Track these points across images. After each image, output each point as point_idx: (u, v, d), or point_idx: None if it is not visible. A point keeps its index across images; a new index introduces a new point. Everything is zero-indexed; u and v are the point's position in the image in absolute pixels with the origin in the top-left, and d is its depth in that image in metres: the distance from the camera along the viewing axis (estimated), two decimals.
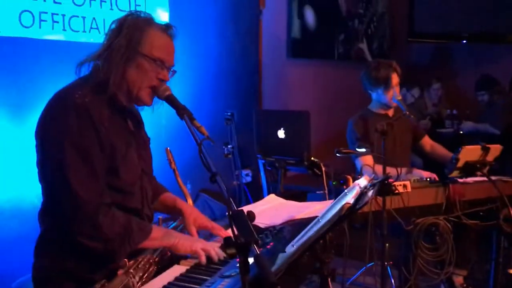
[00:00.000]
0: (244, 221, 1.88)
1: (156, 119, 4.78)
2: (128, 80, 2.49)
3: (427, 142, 5.09)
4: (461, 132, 7.43)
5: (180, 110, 2.42)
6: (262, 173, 5.20)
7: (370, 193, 2.56)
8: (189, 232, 2.76)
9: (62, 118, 2.38)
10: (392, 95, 4.70)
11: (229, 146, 5.50)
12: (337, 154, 4.01)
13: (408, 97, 8.24)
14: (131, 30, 2.47)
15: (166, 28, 2.58)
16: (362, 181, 2.56)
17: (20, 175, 4.09)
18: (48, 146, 2.42)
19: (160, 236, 2.51)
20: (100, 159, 2.39)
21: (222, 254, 2.46)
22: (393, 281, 4.64)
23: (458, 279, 4.57)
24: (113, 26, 2.54)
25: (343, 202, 2.31)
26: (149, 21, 2.55)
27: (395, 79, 4.72)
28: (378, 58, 4.97)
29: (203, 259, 2.44)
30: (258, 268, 1.77)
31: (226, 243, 1.83)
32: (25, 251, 2.64)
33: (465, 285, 4.56)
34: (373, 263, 4.36)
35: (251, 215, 1.91)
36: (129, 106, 2.66)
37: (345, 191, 2.46)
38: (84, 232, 2.34)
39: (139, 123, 2.76)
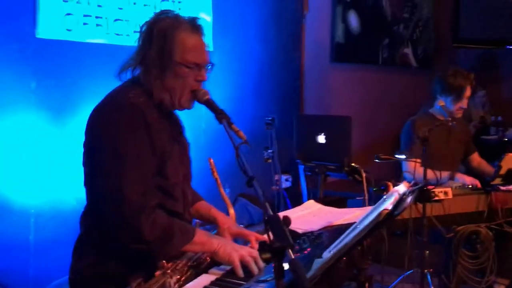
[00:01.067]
0: (280, 226, 1.87)
1: (195, 122, 4.84)
2: (169, 89, 2.52)
3: (475, 158, 5.06)
4: (506, 139, 7.32)
5: (219, 114, 2.43)
6: (302, 179, 5.19)
7: (408, 199, 2.55)
8: None
9: (116, 117, 2.42)
10: (460, 106, 4.67)
11: (269, 151, 5.48)
12: (376, 160, 3.99)
13: None
14: (161, 38, 2.49)
15: (194, 26, 2.59)
16: (401, 188, 2.55)
17: (60, 177, 4.13)
18: (100, 144, 2.46)
19: (202, 241, 2.52)
20: (150, 160, 2.42)
21: (262, 265, 2.44)
22: None
23: None
24: (144, 29, 2.56)
25: (381, 208, 2.30)
26: (176, 22, 2.55)
27: (468, 91, 4.70)
28: (455, 67, 4.91)
29: (240, 273, 2.43)
30: (292, 273, 1.77)
31: (261, 248, 1.85)
32: (62, 253, 2.66)
33: None
34: (412, 270, 4.31)
35: (287, 220, 1.90)
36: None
37: (384, 197, 2.46)
38: (125, 232, 2.36)
39: (180, 128, 2.79)
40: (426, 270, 4.52)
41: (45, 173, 4.11)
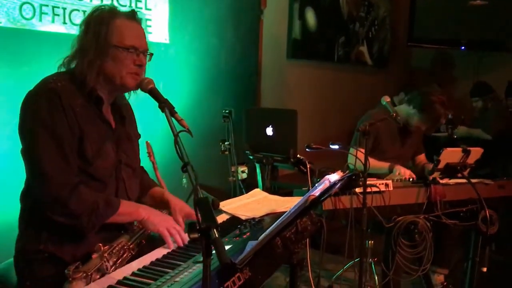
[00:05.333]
0: (208, 208, 1.97)
1: (150, 111, 4.91)
2: (107, 73, 2.62)
3: (420, 159, 5.22)
4: (455, 136, 7.51)
5: (161, 103, 2.47)
6: (258, 170, 5.31)
7: (336, 186, 2.69)
8: (175, 221, 2.87)
9: (34, 101, 2.52)
10: (421, 127, 4.85)
11: (226, 143, 5.60)
12: (307, 149, 4.10)
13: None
14: (97, 26, 2.58)
15: (132, 15, 2.69)
16: (333, 176, 2.69)
17: (15, 163, 4.15)
18: (22, 129, 2.56)
19: (129, 211, 2.65)
20: (69, 140, 2.50)
21: (186, 236, 2.62)
22: (376, 277, 4.75)
23: (439, 278, 4.67)
24: (82, 26, 2.66)
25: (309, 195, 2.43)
26: (113, 12, 2.64)
27: (442, 121, 4.90)
28: (441, 88, 4.94)
29: (169, 242, 2.61)
30: (214, 250, 1.88)
31: (190, 228, 1.93)
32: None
33: (445, 283, 4.66)
34: (357, 259, 4.43)
35: (214, 203, 2.02)
36: (117, 101, 2.81)
37: (316, 185, 2.58)
38: (53, 208, 2.47)
39: (122, 117, 2.86)
40: (371, 259, 4.70)
41: (1, 158, 4.18)
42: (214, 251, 1.90)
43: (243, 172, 5.88)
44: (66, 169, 2.49)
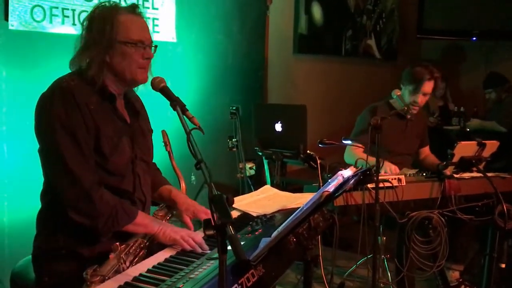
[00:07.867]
0: (223, 204, 1.97)
1: (161, 111, 4.89)
2: (117, 70, 2.63)
3: (424, 151, 5.18)
4: (468, 129, 7.45)
5: (173, 101, 2.48)
6: (266, 167, 5.28)
7: (350, 182, 2.65)
8: (182, 221, 2.91)
9: (50, 102, 2.52)
10: (415, 99, 4.75)
11: (233, 140, 5.59)
12: (320, 145, 4.06)
13: None
14: (101, 23, 2.59)
15: (134, 9, 2.69)
16: (346, 172, 2.64)
17: (32, 162, 4.15)
18: (41, 131, 2.57)
19: (144, 223, 2.65)
20: (86, 138, 2.51)
21: (206, 247, 2.59)
22: (389, 273, 4.70)
23: (455, 274, 4.61)
24: (85, 23, 2.65)
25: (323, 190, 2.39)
26: (116, 8, 2.66)
27: (427, 86, 4.73)
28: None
29: (186, 247, 2.57)
30: (231, 247, 1.88)
31: (205, 225, 1.95)
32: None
33: (461, 280, 4.61)
34: (370, 255, 4.38)
35: (229, 200, 2.01)
36: (128, 95, 2.83)
37: (329, 180, 2.54)
38: (78, 206, 2.47)
39: (136, 112, 2.88)
40: (383, 256, 4.64)
41: (17, 158, 4.17)
42: (228, 248, 1.90)
43: (251, 168, 5.86)
44: (91, 168, 2.52)
